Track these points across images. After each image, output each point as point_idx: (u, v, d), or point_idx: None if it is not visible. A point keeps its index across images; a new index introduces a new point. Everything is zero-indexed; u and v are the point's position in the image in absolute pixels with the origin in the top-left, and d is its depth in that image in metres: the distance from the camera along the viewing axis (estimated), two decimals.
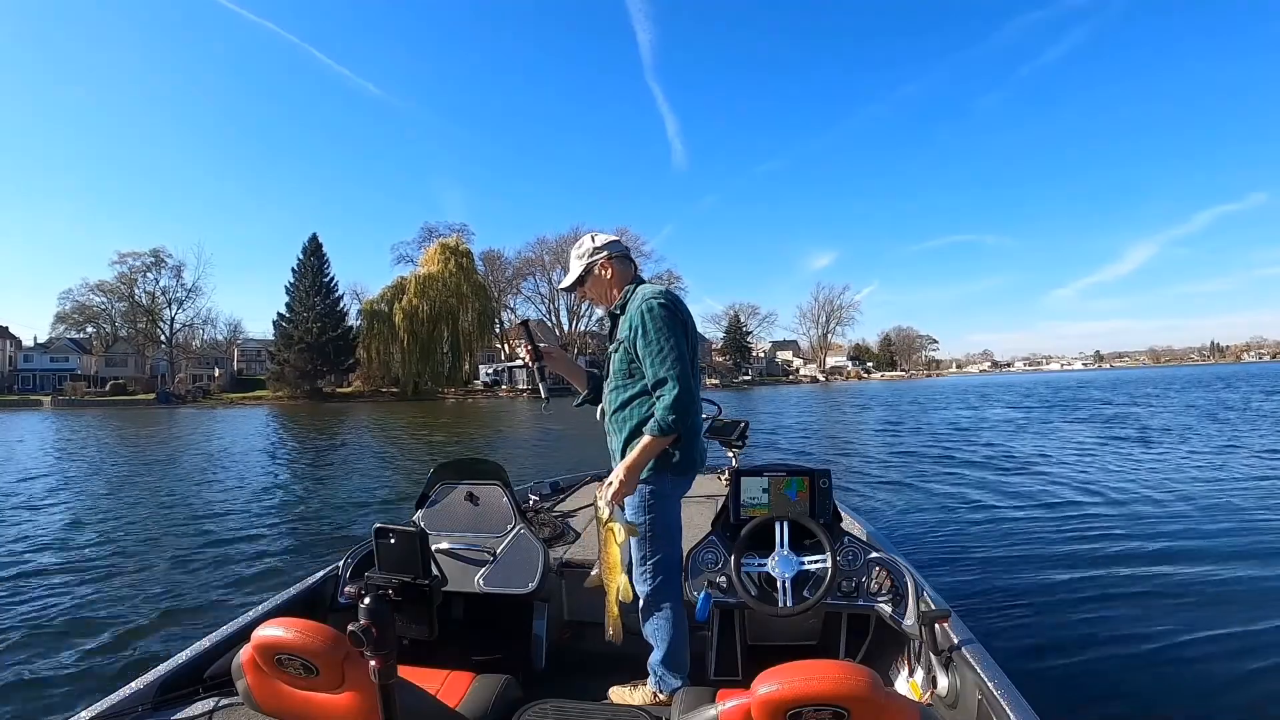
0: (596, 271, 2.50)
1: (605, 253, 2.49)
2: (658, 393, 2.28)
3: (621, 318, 2.45)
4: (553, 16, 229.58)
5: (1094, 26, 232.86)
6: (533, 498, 4.23)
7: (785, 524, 2.54)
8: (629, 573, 2.35)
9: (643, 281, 2.53)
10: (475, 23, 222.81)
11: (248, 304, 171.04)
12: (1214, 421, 18.03)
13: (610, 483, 2.24)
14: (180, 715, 1.86)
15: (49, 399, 55.36)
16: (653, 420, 2.26)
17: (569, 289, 2.57)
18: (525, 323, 2.72)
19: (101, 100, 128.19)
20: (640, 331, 2.30)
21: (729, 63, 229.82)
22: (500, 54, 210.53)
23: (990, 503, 8.19)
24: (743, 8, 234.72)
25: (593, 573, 2.30)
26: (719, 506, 2.82)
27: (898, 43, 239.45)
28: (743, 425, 3.96)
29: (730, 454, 3.99)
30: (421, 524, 2.90)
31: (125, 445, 19.44)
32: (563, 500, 4.45)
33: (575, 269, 2.52)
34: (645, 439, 2.26)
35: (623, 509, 2.28)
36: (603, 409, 2.57)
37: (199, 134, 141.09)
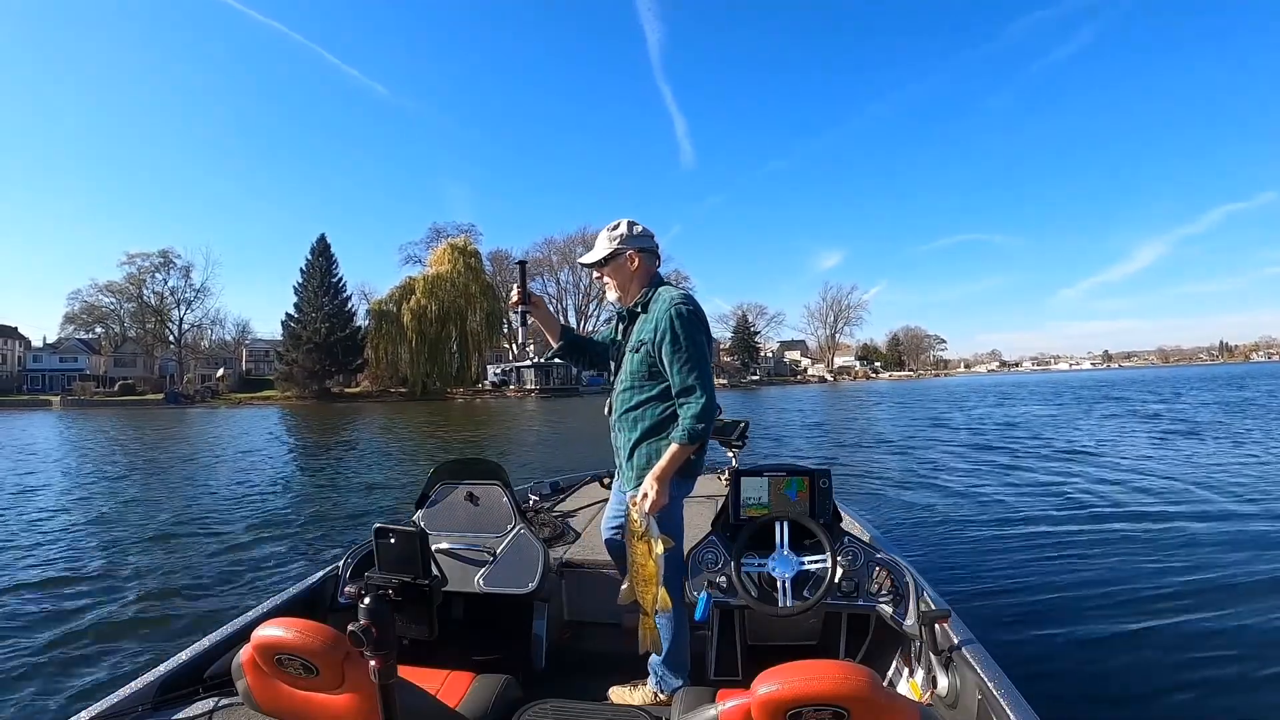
0: (623, 259, 2.47)
1: (638, 244, 2.47)
2: (684, 400, 2.28)
3: (642, 317, 2.43)
4: (561, 18, 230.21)
5: (1102, 25, 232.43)
6: (533, 498, 4.25)
7: (785, 524, 2.53)
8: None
9: (663, 282, 2.50)
10: (484, 25, 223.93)
11: (251, 304, 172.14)
12: (1231, 419, 17.96)
13: (645, 493, 2.22)
14: (180, 715, 1.86)
15: (58, 399, 55.76)
16: (680, 429, 2.25)
17: (589, 265, 2.53)
18: (522, 263, 2.71)
19: (101, 100, 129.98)
20: (669, 336, 2.28)
21: (735, 61, 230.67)
22: (508, 55, 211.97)
23: (991, 502, 8.16)
24: (749, 6, 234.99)
25: (624, 586, 2.27)
26: (719, 506, 2.81)
27: (903, 41, 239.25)
28: (743, 425, 3.96)
29: (730, 454, 3.99)
30: (421, 524, 2.90)
31: (131, 445, 19.56)
32: (563, 500, 4.47)
33: (603, 248, 2.47)
34: (673, 447, 2.25)
35: (656, 520, 2.24)
36: (610, 405, 2.56)
37: (201, 134, 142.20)
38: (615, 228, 2.48)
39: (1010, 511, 7.59)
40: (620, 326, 2.61)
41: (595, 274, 2.58)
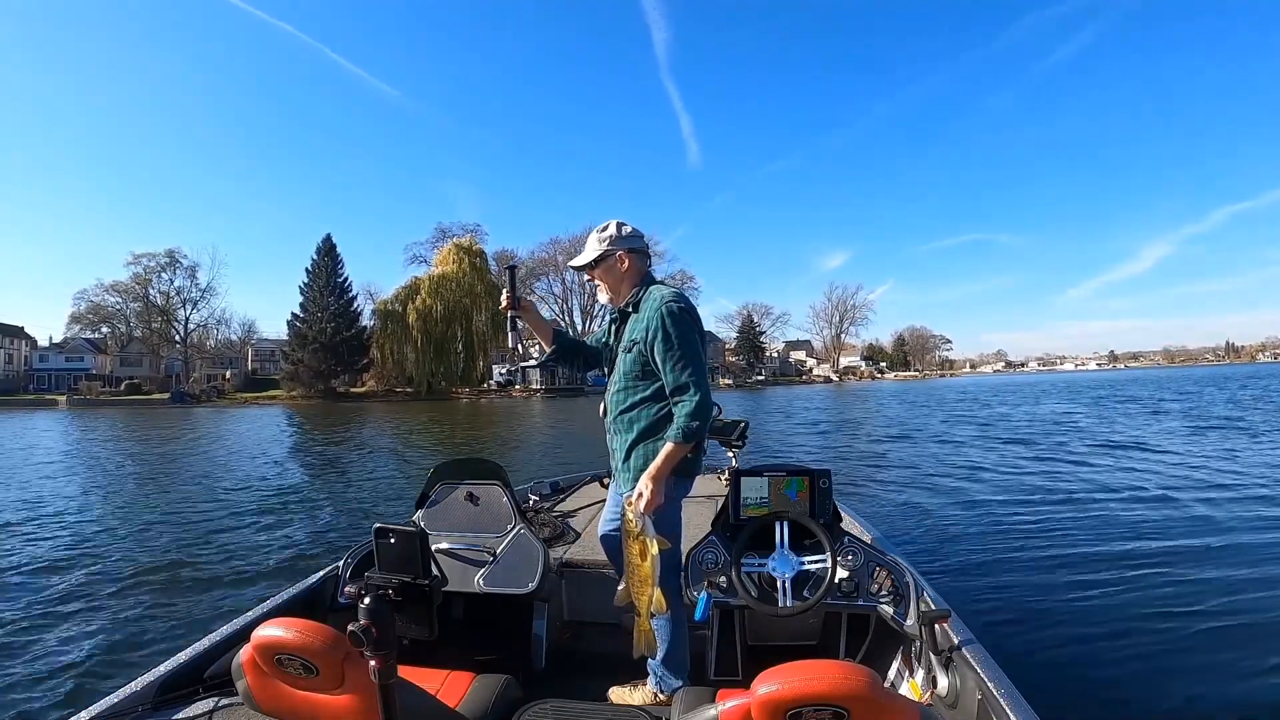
0: (613, 260, 2.46)
1: (627, 244, 2.46)
2: (678, 399, 2.27)
3: (634, 317, 2.43)
4: (563, 18, 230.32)
5: (1103, 25, 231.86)
6: (533, 498, 4.25)
7: (785, 524, 2.53)
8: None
9: (655, 281, 2.50)
10: (485, 25, 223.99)
11: (251, 304, 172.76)
12: (1234, 419, 17.89)
13: (640, 494, 2.20)
14: (180, 715, 1.87)
15: (64, 398, 55.93)
16: (675, 428, 2.24)
17: (580, 268, 2.53)
18: (511, 268, 2.71)
19: (101, 100, 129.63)
20: (660, 335, 2.27)
21: (738, 61, 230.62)
22: (510, 56, 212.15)
23: (991, 503, 8.15)
24: (751, 6, 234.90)
25: (620, 588, 2.27)
26: (719, 506, 2.81)
27: (904, 42, 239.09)
28: (743, 425, 3.95)
29: (730, 454, 3.99)
30: (421, 524, 2.90)
31: (136, 445, 19.62)
32: (563, 500, 4.47)
33: (592, 250, 2.47)
34: (669, 446, 2.24)
35: (653, 520, 2.22)
36: (604, 406, 2.55)
37: (202, 134, 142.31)
38: (604, 229, 2.48)
39: (1011, 512, 7.57)
40: (613, 327, 2.61)
41: (587, 276, 2.57)
